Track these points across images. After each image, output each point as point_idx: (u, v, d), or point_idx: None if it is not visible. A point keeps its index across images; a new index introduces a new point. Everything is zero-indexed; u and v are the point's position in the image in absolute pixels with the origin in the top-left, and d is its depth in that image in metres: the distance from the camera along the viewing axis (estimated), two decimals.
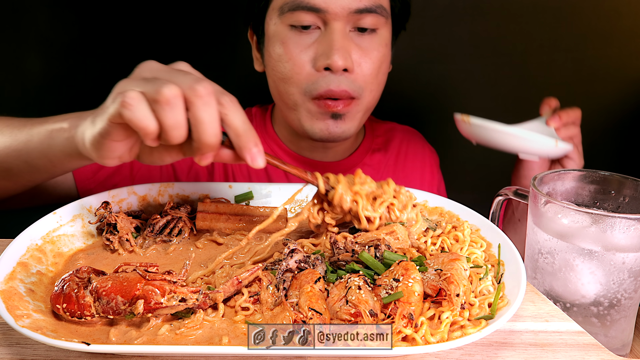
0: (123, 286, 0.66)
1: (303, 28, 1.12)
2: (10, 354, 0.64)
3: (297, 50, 1.12)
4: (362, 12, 1.10)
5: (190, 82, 0.69)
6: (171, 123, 0.68)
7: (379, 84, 1.20)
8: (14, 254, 0.76)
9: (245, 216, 0.95)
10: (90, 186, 1.21)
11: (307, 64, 1.12)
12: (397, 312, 0.65)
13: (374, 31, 1.15)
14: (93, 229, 0.91)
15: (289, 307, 0.66)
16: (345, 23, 1.11)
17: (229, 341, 0.64)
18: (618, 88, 1.83)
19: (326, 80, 1.11)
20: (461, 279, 0.71)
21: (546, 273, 0.87)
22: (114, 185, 1.22)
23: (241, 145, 0.73)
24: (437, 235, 0.87)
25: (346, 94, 1.12)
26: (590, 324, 0.84)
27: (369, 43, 1.14)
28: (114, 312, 0.66)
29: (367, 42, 1.14)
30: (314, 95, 1.13)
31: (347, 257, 0.77)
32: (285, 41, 1.13)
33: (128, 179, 1.24)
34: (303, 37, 1.12)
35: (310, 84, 1.12)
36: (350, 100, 1.14)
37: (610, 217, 0.80)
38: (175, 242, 0.90)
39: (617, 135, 1.89)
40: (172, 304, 0.65)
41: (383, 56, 1.17)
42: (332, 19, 1.09)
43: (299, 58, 1.12)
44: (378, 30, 1.15)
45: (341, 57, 1.08)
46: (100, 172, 1.21)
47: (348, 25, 1.12)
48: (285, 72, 1.14)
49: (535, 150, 1.10)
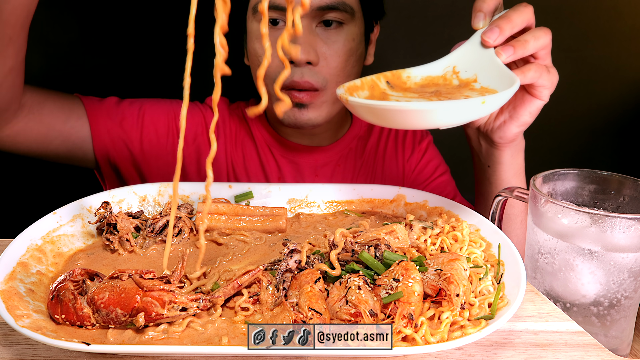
0: (121, 298, 0.66)
1: (272, 24, 1.21)
2: (10, 354, 0.64)
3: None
4: (324, 10, 1.18)
5: None
6: None
7: (348, 76, 1.27)
8: (14, 254, 0.76)
9: (245, 216, 0.95)
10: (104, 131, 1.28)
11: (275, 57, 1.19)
12: (397, 312, 0.65)
13: (341, 25, 1.22)
14: (93, 229, 0.91)
15: (289, 307, 0.66)
16: (310, 19, 1.19)
17: (229, 341, 0.64)
18: (618, 88, 1.83)
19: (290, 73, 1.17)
20: (461, 279, 0.71)
21: (546, 273, 0.87)
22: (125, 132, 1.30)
23: None
24: (436, 235, 0.87)
25: (309, 85, 1.21)
26: (590, 324, 0.84)
27: (335, 37, 1.22)
28: (114, 322, 0.66)
29: (334, 36, 1.22)
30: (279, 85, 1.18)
31: (347, 257, 0.77)
32: (258, 37, 1.24)
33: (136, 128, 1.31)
34: (272, 32, 1.22)
35: (276, 74, 1.21)
36: (314, 92, 1.23)
37: (610, 217, 0.80)
38: (175, 242, 0.90)
39: (617, 135, 1.89)
40: (173, 314, 0.65)
41: (350, 50, 1.24)
42: None
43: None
44: (344, 25, 1.22)
45: (303, 51, 1.17)
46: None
47: (314, 22, 1.20)
48: (257, 64, 1.25)
49: (449, 121, 0.75)
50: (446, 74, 0.91)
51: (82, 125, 1.25)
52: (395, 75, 0.92)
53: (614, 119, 1.86)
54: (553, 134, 1.87)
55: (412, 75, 0.92)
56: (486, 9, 0.89)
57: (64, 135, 1.22)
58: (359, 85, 0.88)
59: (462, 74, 0.89)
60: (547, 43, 0.88)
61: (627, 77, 1.80)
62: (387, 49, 1.62)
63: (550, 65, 0.92)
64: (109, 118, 1.28)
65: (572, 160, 1.90)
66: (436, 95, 0.84)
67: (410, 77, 0.92)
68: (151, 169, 1.34)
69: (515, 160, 1.10)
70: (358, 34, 1.27)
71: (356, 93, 0.86)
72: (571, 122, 1.87)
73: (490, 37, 0.86)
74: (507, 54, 0.85)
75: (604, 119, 1.85)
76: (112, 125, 1.28)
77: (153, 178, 1.34)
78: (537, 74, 0.88)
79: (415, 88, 0.90)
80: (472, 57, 0.89)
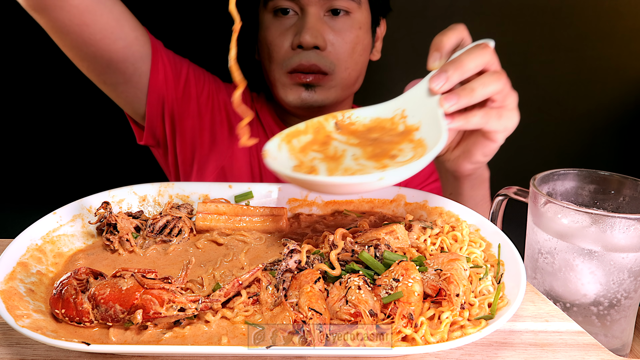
0: (121, 294, 0.66)
1: (283, 13, 1.29)
2: (10, 354, 0.64)
3: (277, 33, 1.30)
4: None
5: None
6: None
7: (356, 63, 1.34)
8: (14, 254, 0.76)
9: (245, 216, 0.95)
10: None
11: (285, 44, 1.30)
12: (397, 312, 0.65)
13: (348, 14, 1.30)
14: (93, 229, 0.91)
15: (289, 307, 0.66)
16: (319, 8, 1.27)
17: (229, 341, 0.64)
18: (618, 88, 1.83)
19: (299, 57, 1.28)
20: (461, 279, 0.71)
21: (546, 273, 0.87)
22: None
23: None
24: (436, 235, 0.87)
25: (316, 68, 1.28)
26: (590, 324, 0.84)
27: (342, 25, 1.29)
28: (112, 319, 0.66)
29: (341, 24, 1.29)
30: (288, 69, 1.30)
31: (347, 257, 0.77)
32: (269, 26, 1.32)
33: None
34: (283, 21, 1.30)
35: (286, 60, 1.30)
36: (322, 75, 1.30)
37: (610, 217, 0.80)
38: (175, 242, 0.90)
39: (617, 135, 1.89)
40: (171, 314, 0.65)
41: (357, 37, 1.31)
42: (306, 4, 1.26)
43: (278, 40, 1.30)
44: (352, 14, 1.30)
45: (311, 36, 1.24)
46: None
47: (322, 10, 1.27)
48: (268, 53, 1.33)
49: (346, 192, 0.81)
50: (395, 116, 0.87)
51: (144, 43, 1.25)
52: (345, 115, 0.89)
53: (614, 119, 1.86)
54: (553, 134, 1.87)
55: (361, 116, 0.89)
56: (444, 48, 0.83)
57: (127, 41, 1.19)
58: (302, 130, 0.86)
59: (409, 119, 0.84)
60: (497, 89, 0.81)
61: (627, 77, 1.80)
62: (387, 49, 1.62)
63: (510, 108, 0.85)
64: (167, 57, 1.32)
65: (572, 160, 1.91)
66: (374, 144, 0.82)
67: (359, 118, 0.89)
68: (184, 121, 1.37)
69: (475, 191, 1.06)
70: (364, 23, 1.33)
71: (297, 139, 0.85)
72: (571, 122, 1.87)
73: (436, 84, 0.79)
74: (449, 104, 0.79)
75: (604, 119, 1.85)
76: (169, 68, 1.32)
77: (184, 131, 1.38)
78: (483, 120, 0.82)
79: (361, 132, 0.87)
80: (420, 101, 0.84)
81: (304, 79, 1.30)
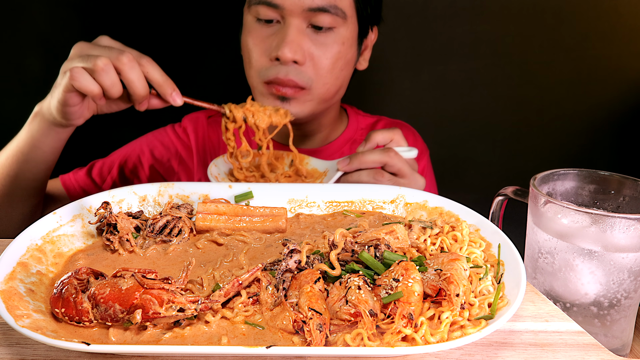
0: (121, 294, 0.66)
1: (266, 21, 1.26)
2: (10, 354, 0.64)
3: (257, 40, 1.29)
4: (316, 11, 1.21)
5: (116, 53, 0.98)
6: (108, 83, 0.99)
7: (336, 79, 1.31)
8: (14, 254, 0.76)
9: (245, 216, 0.95)
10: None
11: (263, 53, 1.28)
12: (397, 312, 0.65)
13: (331, 29, 1.26)
14: (93, 229, 0.91)
15: (289, 307, 0.66)
16: (302, 20, 1.23)
17: (229, 341, 0.64)
18: (618, 88, 1.83)
19: (276, 70, 1.26)
20: (461, 279, 0.71)
21: (546, 273, 0.87)
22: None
23: (163, 91, 1.05)
24: (436, 235, 0.87)
25: (293, 83, 1.26)
26: (590, 324, 0.84)
27: (325, 39, 1.26)
28: (112, 319, 0.66)
29: (323, 38, 1.26)
30: (264, 79, 1.29)
31: (347, 257, 0.77)
32: (250, 31, 1.30)
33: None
34: (264, 29, 1.27)
35: (263, 70, 1.28)
36: (299, 89, 1.28)
37: (610, 217, 0.80)
38: (175, 242, 0.90)
39: (617, 135, 1.89)
40: (170, 314, 0.65)
41: (339, 53, 1.28)
42: (288, 15, 1.23)
43: (257, 47, 1.29)
44: (335, 29, 1.26)
45: (290, 51, 1.21)
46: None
47: (305, 22, 1.24)
48: (248, 57, 1.32)
49: None
50: (326, 171, 1.18)
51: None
52: (299, 158, 1.21)
53: (614, 119, 1.86)
54: (553, 134, 1.87)
55: (310, 163, 1.22)
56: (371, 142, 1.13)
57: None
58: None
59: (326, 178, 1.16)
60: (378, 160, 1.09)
61: (627, 77, 1.80)
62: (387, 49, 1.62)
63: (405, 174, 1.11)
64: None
65: (572, 160, 1.91)
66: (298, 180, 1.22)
67: (308, 164, 1.22)
68: None
69: None
70: (349, 38, 1.29)
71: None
72: (571, 122, 1.87)
73: (341, 166, 1.12)
74: (342, 165, 1.11)
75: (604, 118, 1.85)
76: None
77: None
78: (366, 178, 1.10)
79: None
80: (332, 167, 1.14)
81: (279, 91, 1.28)
